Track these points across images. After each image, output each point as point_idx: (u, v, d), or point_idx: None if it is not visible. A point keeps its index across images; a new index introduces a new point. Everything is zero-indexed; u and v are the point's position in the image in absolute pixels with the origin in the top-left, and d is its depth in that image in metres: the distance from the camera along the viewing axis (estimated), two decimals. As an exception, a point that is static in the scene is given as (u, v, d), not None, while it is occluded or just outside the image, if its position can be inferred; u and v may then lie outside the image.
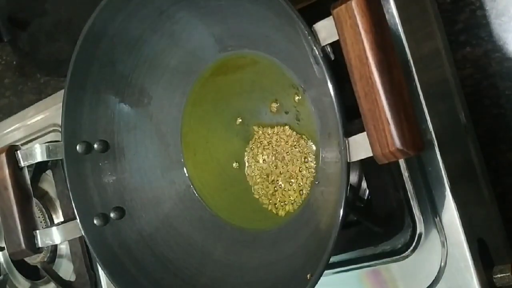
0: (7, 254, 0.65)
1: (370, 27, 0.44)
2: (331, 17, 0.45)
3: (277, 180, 0.60)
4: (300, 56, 0.52)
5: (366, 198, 0.57)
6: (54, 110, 0.79)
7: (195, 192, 0.65)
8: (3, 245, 0.64)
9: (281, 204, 0.60)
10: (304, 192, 0.58)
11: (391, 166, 0.53)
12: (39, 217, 0.81)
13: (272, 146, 0.60)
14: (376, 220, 0.56)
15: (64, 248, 0.81)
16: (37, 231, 0.61)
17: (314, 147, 0.57)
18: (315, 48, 0.46)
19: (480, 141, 0.60)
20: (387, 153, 0.44)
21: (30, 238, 0.61)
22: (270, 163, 0.61)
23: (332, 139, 0.52)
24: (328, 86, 0.46)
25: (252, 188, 0.62)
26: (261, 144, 0.61)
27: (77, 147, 0.62)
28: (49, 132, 0.80)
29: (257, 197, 0.62)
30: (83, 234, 0.61)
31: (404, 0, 0.54)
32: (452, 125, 0.58)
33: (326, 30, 0.46)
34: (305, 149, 0.58)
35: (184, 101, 0.64)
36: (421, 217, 0.54)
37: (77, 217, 0.61)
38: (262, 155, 0.61)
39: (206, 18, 0.58)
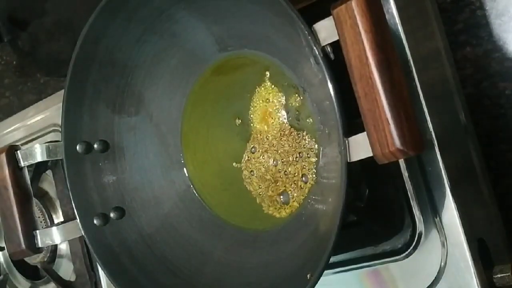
0: (7, 254, 0.65)
1: (370, 27, 0.44)
2: (331, 17, 0.45)
3: (277, 180, 0.60)
4: (300, 56, 0.52)
5: (366, 198, 0.57)
6: (54, 110, 0.79)
7: (195, 192, 0.65)
8: (3, 245, 0.64)
9: (281, 204, 0.60)
10: (304, 192, 0.58)
11: (391, 166, 0.53)
12: (39, 217, 0.81)
13: (272, 146, 0.60)
14: (376, 220, 0.56)
15: (64, 248, 0.81)
16: (37, 231, 0.61)
17: (314, 147, 0.57)
18: (315, 48, 0.46)
19: (480, 141, 0.60)
20: (387, 153, 0.44)
21: (30, 238, 0.61)
22: (270, 163, 0.61)
23: (332, 139, 0.52)
24: (328, 86, 0.46)
25: (252, 188, 0.62)
26: (261, 144, 0.61)
27: (77, 147, 0.62)
28: (49, 132, 0.80)
29: (256, 197, 0.62)
30: (83, 234, 0.61)
31: (404, 0, 0.54)
32: (452, 125, 0.58)
33: (326, 30, 0.46)
34: (305, 149, 0.58)
35: (184, 101, 0.64)
36: (421, 217, 0.54)
37: (77, 217, 0.61)
38: (262, 155, 0.61)
39: (206, 18, 0.58)
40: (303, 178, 0.58)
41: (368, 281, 0.58)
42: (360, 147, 0.45)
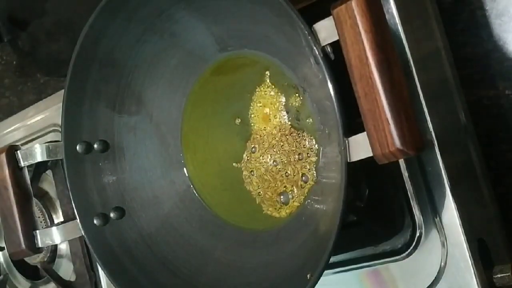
0: (7, 254, 0.65)
1: (370, 27, 0.44)
2: (331, 17, 0.45)
3: (277, 180, 0.60)
4: (300, 56, 0.52)
5: (366, 198, 0.57)
6: (54, 110, 0.79)
7: (195, 192, 0.65)
8: (3, 245, 0.64)
9: (281, 204, 0.60)
10: (304, 192, 0.58)
11: (391, 166, 0.53)
12: (39, 217, 0.81)
13: (272, 146, 0.60)
14: (376, 220, 0.56)
15: (64, 248, 0.81)
16: (37, 231, 0.61)
17: (314, 147, 0.57)
18: (315, 48, 0.46)
19: (480, 141, 0.60)
20: (387, 153, 0.44)
21: (30, 238, 0.61)
22: (270, 163, 0.61)
23: (332, 139, 0.52)
24: (328, 86, 0.46)
25: (252, 188, 0.62)
26: (261, 144, 0.61)
27: (77, 147, 0.62)
28: (49, 132, 0.80)
29: (256, 197, 0.62)
30: (83, 234, 0.61)
31: (404, 0, 0.54)
32: (452, 125, 0.58)
33: (326, 30, 0.46)
34: (305, 149, 0.58)
35: (184, 101, 0.64)
36: (421, 217, 0.54)
37: (77, 217, 0.61)
38: (262, 155, 0.61)
39: (206, 18, 0.58)
40: (303, 178, 0.58)
41: (368, 281, 0.58)
42: (360, 147, 0.45)
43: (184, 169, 0.65)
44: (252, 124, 0.62)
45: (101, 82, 0.62)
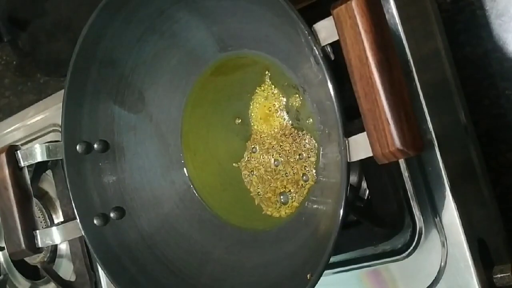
0: (7, 254, 0.65)
1: (370, 27, 0.44)
2: (331, 17, 0.45)
3: (277, 180, 0.60)
4: (300, 56, 0.52)
5: (366, 198, 0.57)
6: (54, 110, 0.79)
7: (195, 192, 0.65)
8: (3, 245, 0.64)
9: (281, 204, 0.60)
10: (303, 192, 0.58)
11: (391, 166, 0.53)
12: (39, 217, 0.81)
13: (272, 146, 0.60)
14: (376, 220, 0.56)
15: (64, 248, 0.81)
16: (37, 231, 0.61)
17: (314, 147, 0.57)
18: (315, 48, 0.46)
19: (480, 141, 0.60)
20: (387, 153, 0.44)
21: (30, 238, 0.61)
22: (270, 163, 0.61)
23: (332, 139, 0.52)
24: (328, 86, 0.46)
25: (252, 188, 0.62)
26: (261, 144, 0.61)
27: (77, 147, 0.62)
28: (49, 132, 0.80)
29: (256, 197, 0.62)
30: (83, 234, 0.61)
31: (404, 0, 0.54)
32: (452, 125, 0.58)
33: (326, 30, 0.46)
34: (305, 149, 0.58)
35: (184, 101, 0.64)
36: (421, 217, 0.54)
37: (77, 217, 0.61)
38: (262, 155, 0.61)
39: (206, 18, 0.58)
40: (303, 178, 0.58)
41: (368, 281, 0.58)
42: (360, 147, 0.45)
43: (184, 169, 0.65)
44: (252, 124, 0.62)
45: (101, 82, 0.62)
